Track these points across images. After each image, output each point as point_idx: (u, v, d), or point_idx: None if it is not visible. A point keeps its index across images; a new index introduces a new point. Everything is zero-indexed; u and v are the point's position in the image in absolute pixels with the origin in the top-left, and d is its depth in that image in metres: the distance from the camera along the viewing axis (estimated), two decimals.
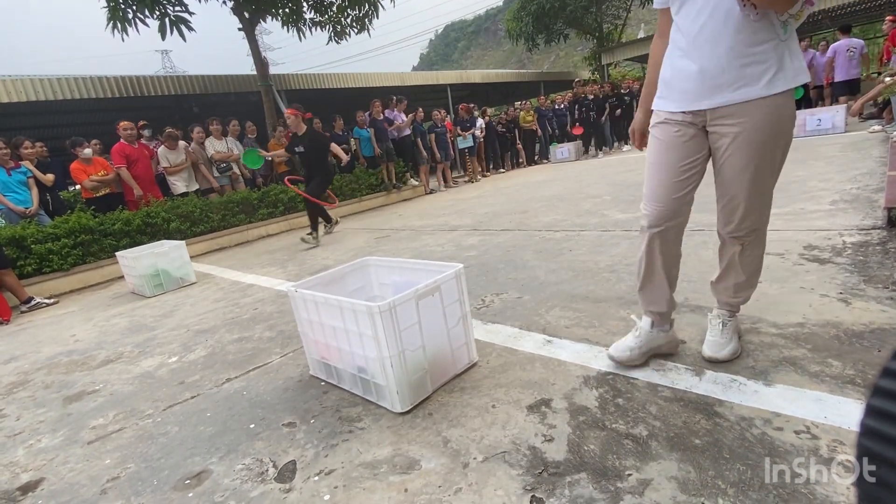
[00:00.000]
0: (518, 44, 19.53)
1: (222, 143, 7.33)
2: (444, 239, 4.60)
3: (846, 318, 1.74)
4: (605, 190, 5.80)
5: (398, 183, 9.27)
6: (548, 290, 2.64)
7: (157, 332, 3.16)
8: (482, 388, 1.73)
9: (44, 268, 5.17)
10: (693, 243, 2.93)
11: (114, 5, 6.86)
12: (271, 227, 7.36)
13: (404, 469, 1.35)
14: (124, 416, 2.01)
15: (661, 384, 1.54)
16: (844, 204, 3.23)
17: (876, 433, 0.34)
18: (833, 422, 1.23)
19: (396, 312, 1.59)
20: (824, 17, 13.07)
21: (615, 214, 4.26)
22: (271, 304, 3.32)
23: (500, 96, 19.02)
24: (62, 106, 8.66)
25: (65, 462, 1.72)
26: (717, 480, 1.11)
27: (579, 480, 1.19)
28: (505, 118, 11.90)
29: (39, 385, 2.55)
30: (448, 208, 6.88)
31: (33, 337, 3.62)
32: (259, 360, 2.37)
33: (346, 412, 1.73)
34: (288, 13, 9.01)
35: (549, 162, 12.21)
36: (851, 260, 2.27)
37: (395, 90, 11.30)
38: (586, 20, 18.10)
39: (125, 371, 2.54)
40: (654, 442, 1.28)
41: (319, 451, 1.52)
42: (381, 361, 1.61)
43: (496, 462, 1.32)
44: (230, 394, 2.04)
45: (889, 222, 2.61)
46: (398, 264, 2.17)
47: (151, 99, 8.95)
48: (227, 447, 1.63)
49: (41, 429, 2.02)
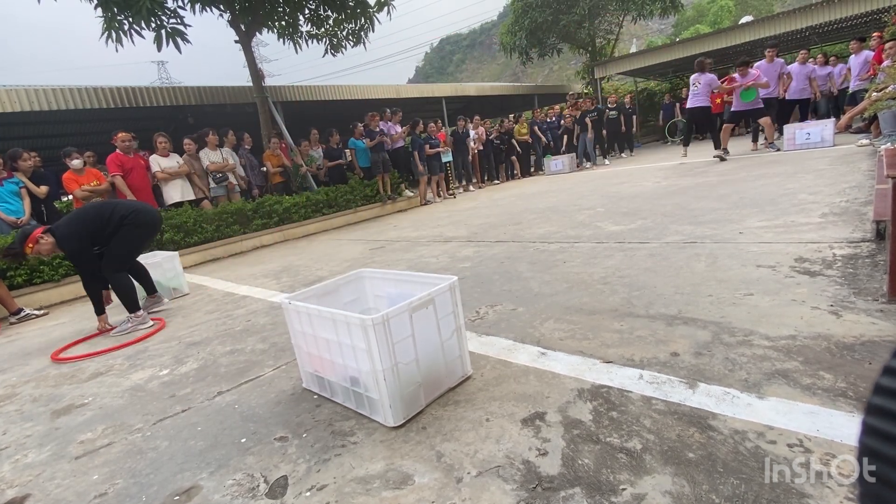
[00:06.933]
0: (512, 57, 19.79)
1: (217, 154, 7.34)
2: (438, 250, 4.61)
3: (837, 331, 1.75)
4: (598, 202, 5.84)
5: (393, 194, 9.30)
6: (542, 301, 2.64)
7: (148, 344, 3.12)
8: (476, 401, 1.72)
9: (34, 279, 5.12)
10: (685, 256, 2.95)
11: (110, 16, 6.89)
12: (265, 237, 7.34)
13: (397, 484, 1.34)
14: (113, 430, 1.98)
15: (654, 397, 1.54)
16: (834, 217, 3.27)
17: (877, 431, 0.34)
18: (826, 435, 1.24)
19: (390, 325, 1.58)
20: (811, 33, 13.36)
21: (609, 226, 4.28)
22: (264, 316, 3.30)
23: (495, 109, 19.19)
24: (57, 116, 8.64)
25: (51, 478, 1.68)
26: (711, 495, 1.11)
27: (573, 495, 1.18)
28: (500, 130, 12.02)
29: (27, 398, 2.51)
30: (443, 219, 6.90)
31: (22, 349, 3.57)
32: (251, 372, 2.34)
33: (339, 426, 1.71)
34: (284, 26, 9.09)
35: (543, 174, 12.30)
36: (842, 272, 2.29)
37: (390, 102, 11.38)
38: (579, 35, 18.39)
39: (115, 384, 2.51)
40: (649, 456, 1.28)
41: (311, 465, 1.50)
42: (374, 374, 1.60)
43: (490, 476, 1.31)
44: (222, 407, 2.02)
45: (878, 235, 2.65)
46: (393, 276, 2.17)
47: (147, 110, 8.96)
48: (218, 462, 1.61)
49: (28, 443, 1.99)
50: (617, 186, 7.04)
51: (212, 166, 7.22)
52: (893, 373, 0.34)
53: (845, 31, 13.69)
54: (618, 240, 3.72)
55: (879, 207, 2.58)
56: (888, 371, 0.35)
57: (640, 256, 3.14)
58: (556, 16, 17.43)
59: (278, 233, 7.51)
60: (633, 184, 7.00)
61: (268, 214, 7.40)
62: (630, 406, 1.52)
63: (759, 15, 25.08)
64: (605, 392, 1.63)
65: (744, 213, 3.82)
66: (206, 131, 7.27)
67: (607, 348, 1.94)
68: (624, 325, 2.13)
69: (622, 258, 3.18)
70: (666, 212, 4.46)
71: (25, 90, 7.44)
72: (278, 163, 8.15)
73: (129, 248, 3.75)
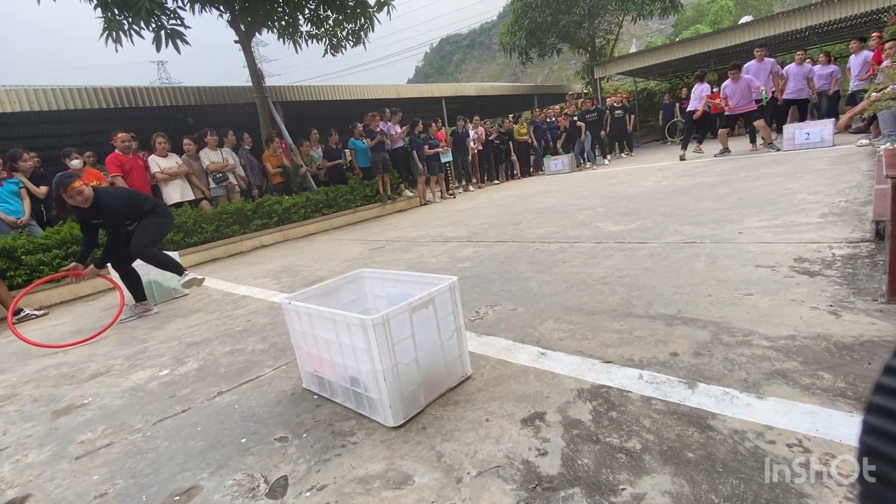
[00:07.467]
0: (512, 57, 19.78)
1: (217, 154, 7.34)
2: (438, 250, 4.61)
3: (836, 331, 1.75)
4: (598, 202, 5.85)
5: (393, 194, 9.30)
6: (542, 301, 2.65)
7: (148, 345, 3.13)
8: (476, 401, 1.73)
9: (34, 279, 5.11)
10: (685, 256, 2.95)
11: (109, 16, 6.89)
12: (265, 237, 7.34)
13: (397, 484, 1.34)
14: (113, 430, 1.98)
15: (654, 397, 1.54)
16: (833, 217, 3.27)
17: (878, 431, 0.35)
18: (825, 435, 1.24)
19: (390, 325, 1.58)
20: (811, 33, 13.36)
21: (608, 226, 4.28)
22: (264, 316, 3.30)
23: (495, 109, 19.19)
24: (57, 116, 8.63)
25: (52, 478, 1.69)
26: (710, 495, 1.11)
27: (573, 495, 1.18)
28: (500, 130, 12.02)
29: (27, 398, 2.51)
30: (443, 219, 6.90)
31: (22, 349, 3.57)
32: (251, 372, 2.35)
33: (339, 426, 1.71)
34: (284, 26, 9.08)
35: (543, 173, 12.30)
36: (841, 272, 2.30)
37: (390, 102, 11.37)
38: (579, 35, 18.38)
39: (115, 384, 2.51)
40: (648, 456, 1.28)
41: (311, 465, 1.50)
42: (374, 375, 1.61)
43: (490, 476, 1.31)
44: (222, 407, 2.02)
45: (877, 235, 2.65)
46: (392, 276, 2.17)
47: (147, 110, 8.95)
48: (218, 462, 1.61)
49: (28, 443, 1.99)
50: (617, 186, 7.05)
51: (212, 166, 7.22)
52: (894, 372, 0.34)
53: (845, 31, 13.70)
54: (617, 240, 3.72)
55: (879, 207, 2.58)
56: (889, 370, 0.35)
57: (639, 256, 3.14)
58: (556, 16, 17.43)
59: (278, 233, 7.51)
60: (632, 184, 7.00)
61: (267, 214, 7.40)
62: (629, 406, 1.52)
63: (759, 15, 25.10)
64: (604, 392, 1.63)
65: (743, 213, 3.82)
66: (206, 131, 7.27)
67: (607, 348, 1.94)
68: (623, 325, 2.13)
69: (622, 258, 3.19)
70: (665, 212, 4.46)
71: (25, 90, 7.44)
72: (278, 163, 8.15)
73: (156, 231, 4.09)
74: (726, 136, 8.46)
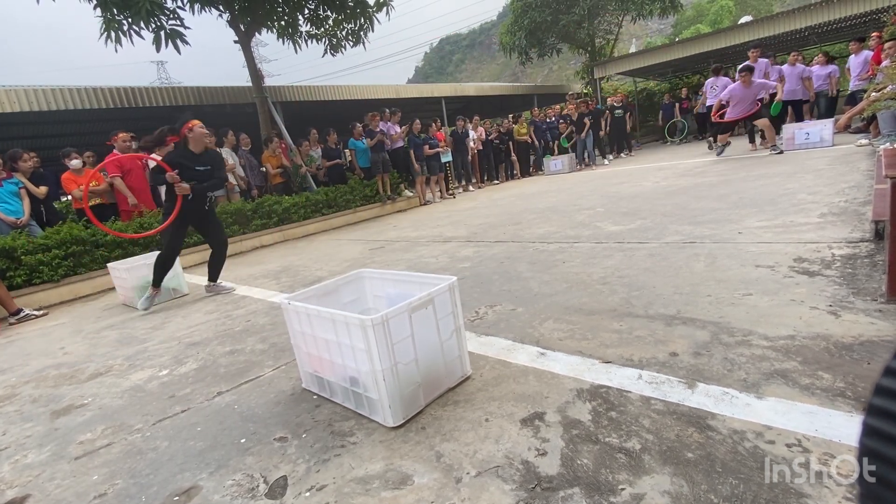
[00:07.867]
0: (512, 57, 19.77)
1: None
2: (438, 250, 4.61)
3: (836, 331, 1.75)
4: (597, 202, 5.85)
5: (393, 194, 9.30)
6: (541, 301, 2.65)
7: (147, 345, 3.12)
8: (475, 401, 1.73)
9: (34, 279, 5.11)
10: (684, 256, 2.95)
11: (109, 16, 6.89)
12: (265, 237, 7.34)
13: (397, 484, 1.34)
14: (113, 430, 1.98)
15: (653, 397, 1.54)
16: (833, 217, 3.27)
17: (877, 432, 0.35)
18: (824, 435, 1.24)
19: (389, 325, 1.58)
20: (811, 33, 13.36)
21: (608, 226, 4.29)
22: (264, 316, 3.30)
23: (495, 109, 19.20)
24: (57, 116, 8.63)
25: (51, 478, 1.69)
26: (709, 495, 1.11)
27: (572, 495, 1.19)
28: (499, 130, 12.02)
29: (27, 399, 2.51)
30: (443, 219, 6.90)
31: (21, 349, 3.57)
32: (251, 373, 2.34)
33: (339, 426, 1.71)
34: (284, 26, 9.09)
35: (542, 173, 12.30)
36: (840, 272, 2.30)
37: (390, 102, 11.37)
38: (579, 35, 18.37)
39: (115, 384, 2.51)
40: (647, 456, 1.28)
41: (311, 466, 1.50)
42: (373, 375, 1.61)
43: (489, 477, 1.31)
44: (221, 407, 2.02)
45: (876, 235, 2.65)
46: (392, 276, 2.17)
47: (146, 110, 8.94)
48: (218, 462, 1.61)
49: (28, 444, 1.99)
50: (616, 186, 7.05)
51: None
52: (894, 374, 0.35)
53: (844, 31, 13.69)
54: (617, 240, 3.72)
55: (878, 207, 2.58)
56: (889, 372, 0.35)
57: (639, 256, 3.14)
58: (556, 16, 17.43)
59: (278, 233, 7.51)
60: (632, 184, 7.00)
61: (267, 214, 7.40)
62: (629, 406, 1.52)
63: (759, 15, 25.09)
64: (604, 392, 1.63)
65: (743, 213, 3.82)
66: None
67: (606, 348, 1.94)
68: (623, 326, 2.14)
69: (621, 258, 3.19)
70: (665, 212, 4.46)
71: (25, 90, 7.44)
72: (278, 163, 8.15)
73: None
74: (727, 137, 8.45)
